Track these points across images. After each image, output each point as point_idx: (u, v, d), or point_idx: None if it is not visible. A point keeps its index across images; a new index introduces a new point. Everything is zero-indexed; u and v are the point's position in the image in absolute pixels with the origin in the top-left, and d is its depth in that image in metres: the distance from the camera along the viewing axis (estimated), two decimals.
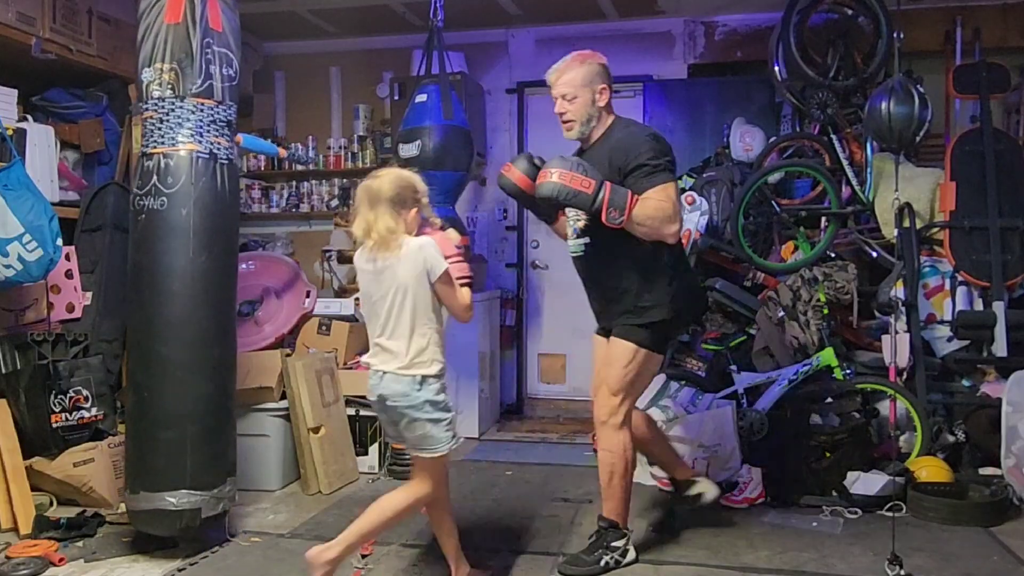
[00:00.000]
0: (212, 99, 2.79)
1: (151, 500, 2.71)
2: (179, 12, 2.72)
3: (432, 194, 3.86)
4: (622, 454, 2.63)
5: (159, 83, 2.74)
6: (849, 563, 2.74)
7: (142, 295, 2.78)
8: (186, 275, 2.74)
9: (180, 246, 2.73)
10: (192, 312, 2.75)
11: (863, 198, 4.19)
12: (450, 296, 2.32)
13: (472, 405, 4.67)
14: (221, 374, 2.85)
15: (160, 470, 2.72)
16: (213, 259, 2.78)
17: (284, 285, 4.22)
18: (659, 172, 2.47)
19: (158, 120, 2.76)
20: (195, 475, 2.73)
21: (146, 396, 2.75)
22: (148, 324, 2.76)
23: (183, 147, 2.74)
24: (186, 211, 2.73)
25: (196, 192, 2.74)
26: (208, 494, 2.76)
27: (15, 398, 3.26)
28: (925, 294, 4.00)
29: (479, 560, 2.66)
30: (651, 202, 2.45)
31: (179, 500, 2.70)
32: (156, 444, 2.72)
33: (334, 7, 4.84)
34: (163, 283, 2.74)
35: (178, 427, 2.72)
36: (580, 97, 2.58)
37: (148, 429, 2.74)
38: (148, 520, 2.76)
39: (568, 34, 5.14)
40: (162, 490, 2.70)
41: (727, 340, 4.09)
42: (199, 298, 2.76)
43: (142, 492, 2.72)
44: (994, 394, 3.61)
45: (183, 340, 2.74)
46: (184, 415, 2.73)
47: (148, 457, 2.74)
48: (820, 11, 4.40)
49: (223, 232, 2.84)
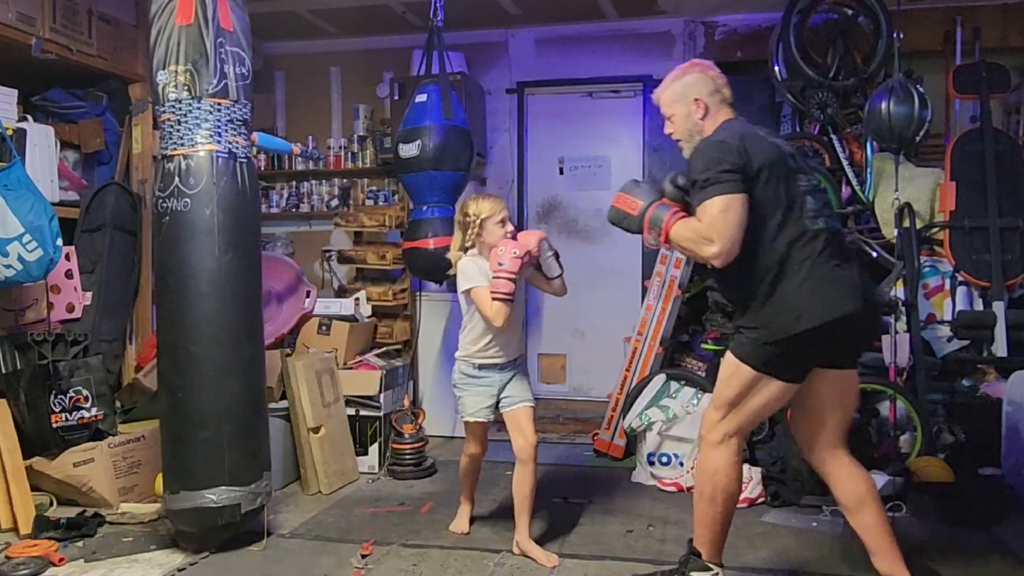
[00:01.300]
0: (228, 99, 2.81)
1: (192, 499, 2.74)
2: (190, 13, 2.72)
3: (432, 194, 3.95)
4: (711, 476, 2.34)
5: (175, 85, 2.75)
6: (849, 563, 2.73)
7: (171, 296, 2.79)
8: (213, 274, 2.75)
9: (206, 246, 2.75)
10: (221, 311, 2.76)
11: (863, 198, 4.19)
12: (478, 306, 2.78)
13: None
14: (253, 371, 2.88)
15: (199, 469, 2.75)
16: (238, 257, 2.80)
17: (284, 285, 4.22)
18: (707, 187, 2.19)
19: (176, 122, 2.77)
20: (233, 472, 2.77)
21: (180, 397, 2.76)
22: (178, 325, 2.77)
23: (203, 148, 2.75)
24: (210, 211, 2.75)
25: (218, 191, 2.75)
26: (246, 489, 2.80)
27: (15, 398, 3.26)
28: (925, 294, 4.00)
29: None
30: (692, 222, 2.24)
31: (219, 497, 2.74)
32: (194, 444, 2.75)
33: (334, 7, 4.83)
34: (191, 283, 2.75)
35: (214, 426, 2.75)
36: (676, 114, 2.43)
37: (185, 429, 2.77)
38: (190, 518, 2.78)
39: (568, 34, 5.14)
40: (202, 488, 2.73)
41: (727, 340, 4.09)
42: (227, 296, 2.78)
43: (182, 492, 2.75)
44: (994, 394, 3.61)
45: (214, 339, 2.76)
46: (219, 414, 2.75)
47: (187, 457, 2.77)
48: (820, 11, 4.40)
49: (246, 230, 2.86)
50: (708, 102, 2.41)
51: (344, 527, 3.17)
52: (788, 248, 2.20)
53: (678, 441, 3.66)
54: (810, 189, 2.26)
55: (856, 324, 2.23)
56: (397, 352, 4.53)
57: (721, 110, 2.42)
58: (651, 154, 5.03)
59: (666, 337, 4.19)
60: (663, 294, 4.21)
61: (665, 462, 3.68)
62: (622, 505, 3.41)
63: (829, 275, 2.19)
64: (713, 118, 2.41)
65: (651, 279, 4.31)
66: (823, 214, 2.25)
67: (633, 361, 4.22)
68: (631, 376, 4.19)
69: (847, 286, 2.20)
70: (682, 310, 4.28)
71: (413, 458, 3.89)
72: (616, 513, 3.30)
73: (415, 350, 4.68)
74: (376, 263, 4.70)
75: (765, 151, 2.24)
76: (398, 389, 4.20)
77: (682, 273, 4.18)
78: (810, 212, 2.23)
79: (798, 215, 2.21)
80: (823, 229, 2.22)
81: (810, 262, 2.18)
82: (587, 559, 2.81)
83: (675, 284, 4.18)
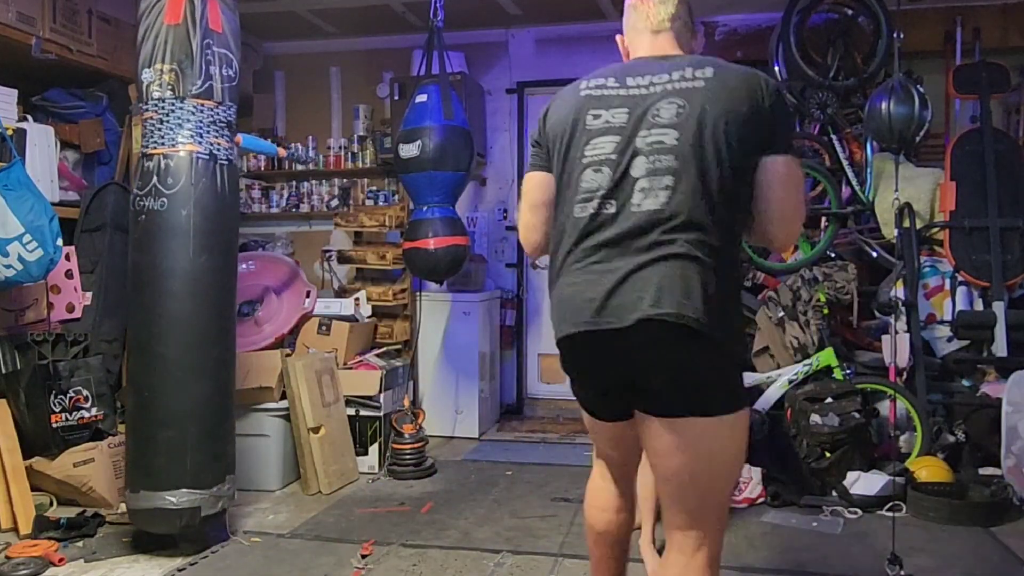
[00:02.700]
0: (212, 100, 2.80)
1: (151, 499, 2.72)
2: (179, 13, 2.72)
3: (432, 194, 3.95)
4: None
5: (159, 84, 2.75)
6: (849, 563, 2.74)
7: (142, 295, 2.78)
8: (186, 275, 2.74)
9: (180, 247, 2.74)
10: (192, 312, 2.76)
11: (863, 198, 4.19)
12: None
13: (472, 405, 4.68)
14: (221, 373, 2.86)
15: (160, 469, 2.73)
16: (213, 259, 2.79)
17: (284, 285, 4.22)
18: None
19: (158, 121, 2.76)
20: (195, 474, 2.74)
21: (146, 396, 2.75)
22: (148, 324, 2.76)
23: (183, 148, 2.75)
24: (186, 212, 2.74)
25: (196, 193, 2.75)
26: (208, 492, 2.77)
27: (15, 398, 3.26)
28: (925, 294, 4.00)
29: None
30: None
31: (179, 499, 2.71)
32: (156, 443, 2.73)
33: (334, 7, 4.83)
34: (163, 283, 2.74)
35: (178, 426, 2.73)
36: None
37: (148, 428, 2.75)
38: (148, 519, 2.76)
39: (568, 34, 5.14)
40: (162, 489, 2.71)
41: None
42: (199, 298, 2.77)
43: (142, 491, 2.73)
44: (994, 394, 3.61)
45: (183, 340, 2.75)
46: (184, 414, 2.74)
47: (148, 456, 2.75)
48: (820, 11, 4.39)
49: (223, 233, 2.84)
50: (626, 39, 1.93)
51: (344, 527, 3.17)
52: (557, 240, 1.67)
53: None
54: (596, 161, 1.61)
55: (614, 350, 1.54)
56: (397, 352, 4.53)
57: (632, 46, 1.90)
58: None
59: None
60: None
61: None
62: None
63: (571, 279, 1.59)
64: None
65: None
66: (597, 196, 1.58)
67: None
68: None
69: (578, 299, 1.55)
70: None
71: (413, 458, 3.89)
72: None
73: (415, 350, 4.68)
74: (376, 263, 4.70)
75: (560, 110, 1.77)
76: (398, 389, 4.20)
77: None
78: (583, 194, 1.61)
79: (571, 197, 1.64)
80: (590, 217, 1.58)
81: (567, 261, 1.62)
82: (587, 559, 2.80)
83: None
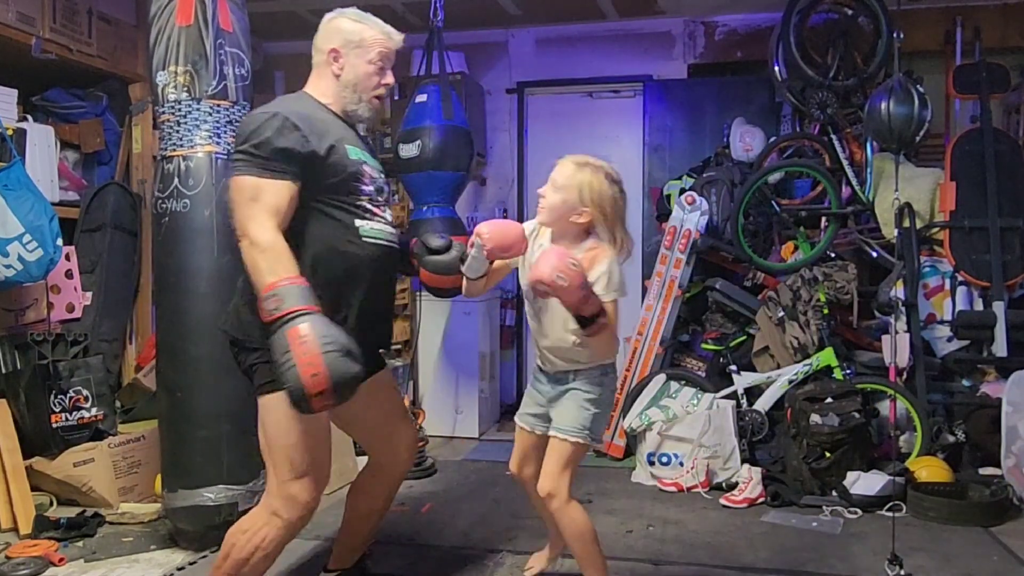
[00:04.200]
0: (227, 100, 2.81)
1: (189, 497, 2.75)
2: (190, 14, 2.73)
3: (432, 194, 3.95)
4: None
5: (174, 86, 2.76)
6: (849, 563, 2.74)
7: (169, 297, 2.80)
8: (212, 275, 2.76)
9: (204, 247, 2.76)
10: (219, 312, 2.75)
11: (863, 198, 4.19)
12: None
13: (472, 405, 4.68)
14: None
15: (197, 468, 2.76)
16: (237, 258, 2.79)
17: None
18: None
19: (175, 123, 2.78)
20: (231, 471, 2.78)
21: (179, 396, 2.77)
22: (177, 325, 2.78)
23: (201, 149, 2.77)
24: (208, 212, 2.76)
25: (217, 193, 2.76)
26: (244, 488, 2.80)
27: (15, 398, 3.26)
28: (925, 294, 4.00)
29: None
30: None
31: (217, 495, 2.75)
32: (192, 443, 2.76)
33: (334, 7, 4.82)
34: (190, 284, 2.76)
35: (212, 425, 2.75)
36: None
37: (183, 429, 2.78)
38: (187, 516, 2.79)
39: (568, 34, 5.15)
40: (200, 487, 2.75)
41: (727, 340, 4.10)
42: (225, 297, 2.75)
43: (180, 490, 2.77)
44: (994, 394, 3.61)
45: (213, 339, 2.74)
46: (217, 413, 2.76)
47: (185, 456, 2.78)
48: (820, 11, 4.40)
49: None
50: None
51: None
52: None
53: (678, 441, 3.66)
54: None
55: None
56: (397, 352, 4.53)
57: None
58: (651, 154, 5.03)
59: (666, 337, 4.19)
60: (663, 294, 4.21)
61: (665, 462, 3.68)
62: (622, 505, 3.41)
63: None
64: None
65: (651, 279, 4.31)
66: None
67: (633, 361, 4.22)
68: (631, 376, 4.18)
69: None
70: (682, 310, 4.28)
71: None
72: (616, 513, 3.30)
73: (415, 350, 4.68)
74: None
75: None
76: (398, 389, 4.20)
77: (682, 273, 4.18)
78: None
79: None
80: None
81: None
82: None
83: (675, 284, 4.18)
